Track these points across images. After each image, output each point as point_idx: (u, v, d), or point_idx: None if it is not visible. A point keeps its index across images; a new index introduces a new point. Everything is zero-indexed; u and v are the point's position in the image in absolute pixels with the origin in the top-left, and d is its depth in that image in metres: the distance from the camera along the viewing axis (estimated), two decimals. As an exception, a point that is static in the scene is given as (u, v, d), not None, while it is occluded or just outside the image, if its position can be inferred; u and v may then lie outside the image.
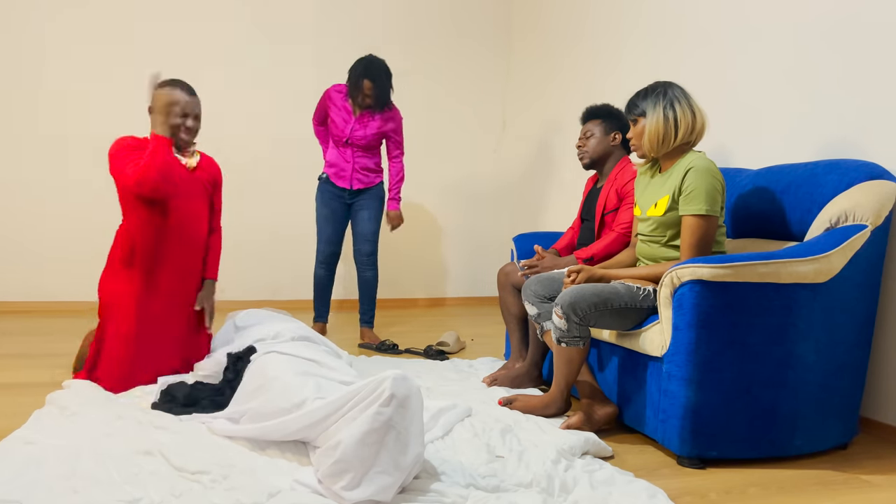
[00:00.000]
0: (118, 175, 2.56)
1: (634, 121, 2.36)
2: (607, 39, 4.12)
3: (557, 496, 1.75)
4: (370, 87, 3.56)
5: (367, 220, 3.78)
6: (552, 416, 2.38)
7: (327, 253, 3.82)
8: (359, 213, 3.79)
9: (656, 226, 2.34)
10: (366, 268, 3.82)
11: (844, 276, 2.10)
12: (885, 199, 2.15)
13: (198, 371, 2.59)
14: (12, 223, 4.46)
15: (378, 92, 3.58)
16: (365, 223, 3.78)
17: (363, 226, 3.79)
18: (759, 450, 2.09)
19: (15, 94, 4.42)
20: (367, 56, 3.60)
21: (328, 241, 3.80)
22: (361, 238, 3.79)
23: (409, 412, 1.63)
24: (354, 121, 3.67)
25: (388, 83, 3.61)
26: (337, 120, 3.69)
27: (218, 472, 1.73)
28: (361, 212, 3.79)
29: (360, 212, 3.79)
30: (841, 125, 2.61)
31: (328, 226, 3.80)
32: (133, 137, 2.66)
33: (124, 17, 4.57)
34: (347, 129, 3.67)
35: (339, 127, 3.69)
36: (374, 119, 3.68)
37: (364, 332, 3.83)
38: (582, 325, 2.24)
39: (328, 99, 3.73)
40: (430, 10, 5.18)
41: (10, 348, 3.33)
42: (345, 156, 3.72)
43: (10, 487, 1.64)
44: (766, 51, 2.94)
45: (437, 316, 4.81)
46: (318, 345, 2.52)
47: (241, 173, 4.83)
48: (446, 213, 5.35)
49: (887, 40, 2.42)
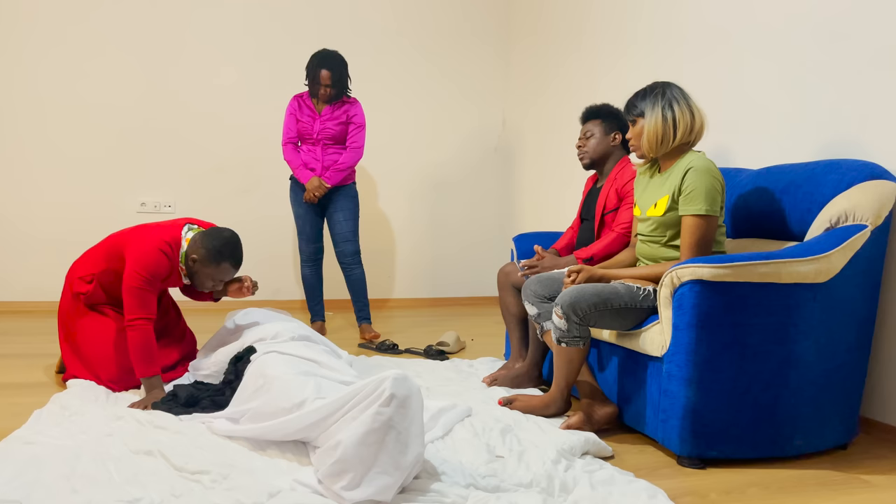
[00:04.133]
0: (128, 288, 2.40)
1: (633, 121, 2.36)
2: (607, 39, 4.12)
3: (557, 496, 1.75)
4: (328, 75, 3.69)
5: (344, 221, 3.84)
6: (552, 416, 2.38)
7: (310, 251, 3.89)
8: (334, 215, 3.85)
9: (656, 226, 2.34)
10: (352, 268, 3.87)
11: (844, 276, 2.10)
12: (885, 199, 2.15)
13: (197, 371, 2.60)
14: (12, 223, 4.47)
15: (336, 79, 3.70)
16: (342, 224, 3.84)
17: (341, 226, 3.84)
18: (759, 450, 2.09)
19: (16, 96, 4.42)
20: (321, 49, 3.75)
21: (309, 240, 3.88)
22: (342, 239, 3.84)
23: (409, 412, 1.63)
24: (319, 116, 3.78)
25: (345, 72, 3.75)
26: (304, 120, 3.79)
27: (218, 472, 1.73)
28: (336, 213, 3.84)
29: (335, 213, 3.85)
30: (841, 125, 2.60)
31: (306, 224, 3.86)
32: (163, 262, 2.45)
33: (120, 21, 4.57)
34: (315, 125, 3.77)
35: (306, 126, 3.79)
36: (338, 111, 3.79)
37: (364, 329, 3.85)
38: (582, 325, 2.24)
39: (291, 108, 3.83)
40: (430, 10, 5.18)
41: (10, 348, 3.33)
42: (314, 154, 3.79)
43: (10, 487, 1.64)
44: (766, 50, 2.94)
45: (437, 316, 4.81)
46: (317, 345, 2.52)
47: (241, 172, 4.83)
48: (446, 213, 5.35)
49: (887, 40, 2.42)
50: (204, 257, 2.49)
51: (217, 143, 4.77)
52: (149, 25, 4.61)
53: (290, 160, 3.81)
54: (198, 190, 4.77)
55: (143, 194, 4.68)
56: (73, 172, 4.55)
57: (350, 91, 3.95)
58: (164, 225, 2.56)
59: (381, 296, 5.22)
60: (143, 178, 4.68)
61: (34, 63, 4.45)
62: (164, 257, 2.45)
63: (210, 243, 2.49)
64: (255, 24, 4.79)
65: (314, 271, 3.91)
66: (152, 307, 2.42)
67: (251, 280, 2.70)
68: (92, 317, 2.63)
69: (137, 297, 2.39)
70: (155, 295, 2.45)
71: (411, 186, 5.23)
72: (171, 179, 4.72)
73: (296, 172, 3.79)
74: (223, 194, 4.82)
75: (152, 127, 4.67)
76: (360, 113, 3.84)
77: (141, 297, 2.39)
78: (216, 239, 2.50)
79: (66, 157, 4.53)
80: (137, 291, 2.39)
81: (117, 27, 4.56)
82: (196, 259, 2.50)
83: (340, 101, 3.81)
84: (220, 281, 2.57)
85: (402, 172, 5.21)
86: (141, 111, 4.63)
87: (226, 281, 2.58)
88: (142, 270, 2.40)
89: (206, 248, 2.49)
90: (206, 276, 2.53)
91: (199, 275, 2.54)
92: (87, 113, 4.55)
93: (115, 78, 4.58)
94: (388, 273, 5.23)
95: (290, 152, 3.83)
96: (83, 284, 2.63)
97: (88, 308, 2.64)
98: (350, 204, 3.86)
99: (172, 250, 2.49)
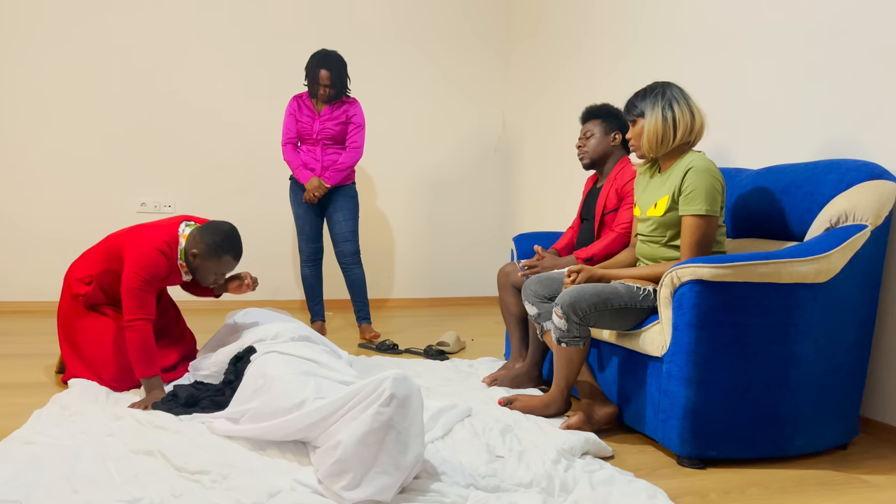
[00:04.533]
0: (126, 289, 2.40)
1: (633, 121, 2.36)
2: (607, 39, 4.12)
3: (557, 496, 1.75)
4: (327, 75, 3.69)
5: (344, 221, 3.84)
6: (552, 416, 2.38)
7: (309, 251, 3.89)
8: (333, 215, 3.85)
9: (656, 226, 2.34)
10: (351, 267, 3.87)
11: (844, 276, 2.10)
12: (885, 199, 2.15)
13: (197, 371, 2.60)
14: (13, 222, 4.47)
15: (335, 79, 3.70)
16: (341, 224, 3.84)
17: (340, 227, 3.84)
18: (759, 450, 2.09)
19: (18, 95, 4.42)
20: (321, 49, 3.75)
21: (308, 239, 3.88)
22: (341, 239, 3.84)
23: (409, 412, 1.63)
24: (319, 117, 3.78)
25: (344, 71, 3.75)
26: (303, 121, 3.79)
27: (218, 472, 1.73)
28: (336, 214, 3.84)
29: (334, 214, 3.85)
30: (841, 125, 2.60)
31: (306, 224, 3.87)
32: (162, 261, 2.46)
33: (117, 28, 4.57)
34: (315, 126, 3.77)
35: (306, 126, 3.79)
36: (337, 111, 3.79)
37: (363, 329, 3.85)
38: (582, 325, 2.23)
39: (291, 108, 3.83)
40: (431, 10, 5.18)
41: (10, 348, 3.33)
42: (314, 154, 3.79)
43: (10, 487, 1.63)
44: (766, 50, 2.94)
45: (437, 316, 4.81)
46: (317, 345, 2.52)
47: (241, 171, 4.83)
48: (446, 213, 5.35)
49: (887, 39, 2.42)
50: (204, 252, 2.50)
51: (217, 142, 4.78)
52: (149, 26, 4.61)
53: (290, 160, 3.81)
54: (198, 189, 4.77)
55: (144, 194, 4.68)
56: (74, 172, 4.54)
57: (349, 91, 3.96)
58: (160, 224, 2.56)
59: (381, 296, 5.22)
60: (144, 177, 4.68)
61: (36, 63, 4.45)
62: (162, 257, 2.45)
63: (209, 238, 2.49)
64: (255, 25, 4.79)
65: (314, 271, 3.92)
66: (151, 308, 2.42)
67: (251, 277, 2.70)
68: (92, 317, 2.63)
69: (136, 297, 2.39)
70: (154, 295, 2.45)
71: (411, 186, 5.23)
72: (171, 179, 4.72)
73: (295, 173, 3.79)
74: (223, 193, 4.82)
75: (152, 127, 4.66)
76: (360, 113, 3.84)
77: (140, 297, 2.39)
78: (215, 233, 2.50)
79: (67, 156, 4.53)
80: (136, 292, 2.39)
81: (117, 28, 4.56)
82: (197, 254, 2.51)
83: (340, 102, 3.81)
84: (222, 274, 2.58)
85: (402, 172, 5.21)
86: (141, 111, 4.63)
87: (227, 274, 2.58)
88: (140, 271, 2.40)
89: (205, 244, 2.49)
90: (208, 271, 2.54)
91: (200, 270, 2.54)
92: (87, 113, 4.55)
93: (116, 78, 4.58)
94: (388, 273, 5.23)
95: (289, 153, 3.83)
96: (82, 286, 2.63)
97: (88, 309, 2.64)
98: (350, 204, 3.86)
99: (171, 249, 2.50)
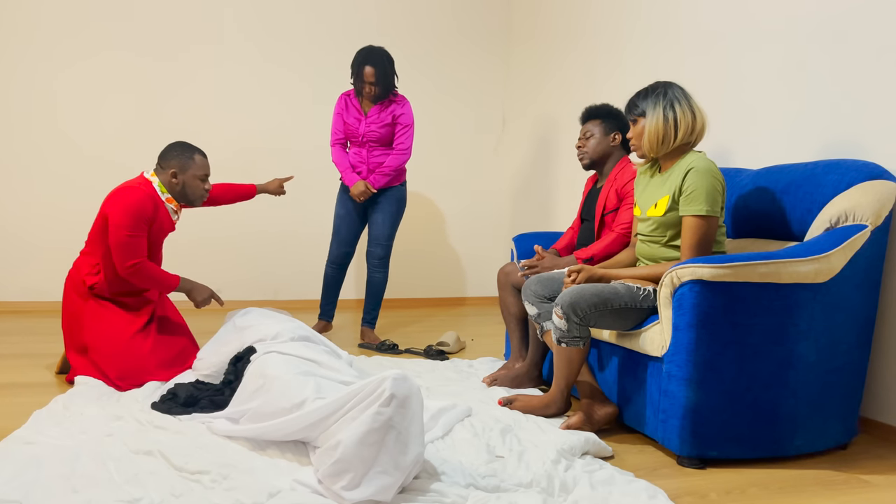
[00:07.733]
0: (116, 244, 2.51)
1: (634, 121, 2.36)
2: (607, 39, 4.12)
3: (557, 496, 1.75)
4: (372, 72, 3.55)
5: (382, 224, 3.74)
6: (552, 416, 2.38)
7: (337, 254, 3.81)
8: (374, 214, 3.77)
9: (656, 226, 2.34)
10: (376, 270, 3.79)
11: (844, 276, 2.10)
12: (885, 199, 2.15)
13: (197, 371, 2.60)
14: (12, 223, 4.46)
15: (380, 76, 3.56)
16: (379, 226, 3.75)
17: (377, 228, 3.76)
18: (759, 450, 2.09)
19: (18, 98, 4.43)
20: (366, 46, 3.64)
21: (340, 243, 3.79)
22: (374, 241, 3.77)
23: (409, 412, 1.63)
24: (366, 117, 3.68)
25: (391, 68, 3.61)
26: (350, 121, 3.70)
27: (218, 472, 1.73)
28: (376, 214, 3.76)
29: (375, 213, 3.76)
30: (841, 125, 2.60)
31: (343, 226, 3.79)
32: (146, 199, 2.58)
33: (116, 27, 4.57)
34: (361, 126, 3.67)
35: (352, 127, 3.70)
36: (384, 112, 3.67)
37: (364, 332, 3.82)
38: (582, 325, 2.23)
39: (338, 107, 3.74)
40: (430, 10, 5.18)
41: (10, 348, 3.33)
42: (360, 155, 3.71)
43: (10, 487, 1.64)
44: (766, 50, 2.94)
45: (437, 316, 4.81)
46: (317, 345, 2.52)
47: (241, 174, 4.83)
48: (446, 213, 5.35)
49: (888, 40, 2.42)
50: (179, 165, 2.67)
51: (217, 141, 4.77)
52: (152, 26, 4.61)
53: (338, 162, 3.72)
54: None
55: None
56: (74, 172, 4.54)
57: (397, 88, 3.72)
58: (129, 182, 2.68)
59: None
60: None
61: (33, 66, 4.44)
62: (142, 195, 2.57)
63: (172, 154, 2.68)
64: (255, 26, 4.79)
65: (337, 273, 3.84)
66: (143, 250, 2.56)
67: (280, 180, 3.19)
68: (99, 315, 2.64)
69: (126, 246, 2.52)
70: (144, 238, 2.56)
71: (411, 186, 5.23)
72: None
73: (342, 175, 3.71)
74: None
75: (152, 127, 4.66)
76: (408, 112, 3.69)
77: (130, 245, 2.52)
78: (172, 149, 2.70)
79: (67, 157, 4.53)
80: (126, 240, 2.52)
81: (118, 28, 4.56)
82: (175, 172, 2.67)
83: (388, 101, 3.67)
84: (206, 175, 2.72)
85: (402, 172, 5.20)
86: (141, 111, 4.63)
87: (208, 174, 2.75)
88: (125, 219, 2.52)
89: (174, 159, 2.68)
90: (193, 178, 2.70)
91: (187, 185, 2.70)
92: (88, 112, 4.54)
93: (116, 79, 4.58)
94: (388, 273, 5.22)
95: (337, 154, 3.74)
96: (92, 277, 2.68)
97: (96, 305, 2.65)
98: (392, 207, 3.75)
99: (148, 187, 2.64)
